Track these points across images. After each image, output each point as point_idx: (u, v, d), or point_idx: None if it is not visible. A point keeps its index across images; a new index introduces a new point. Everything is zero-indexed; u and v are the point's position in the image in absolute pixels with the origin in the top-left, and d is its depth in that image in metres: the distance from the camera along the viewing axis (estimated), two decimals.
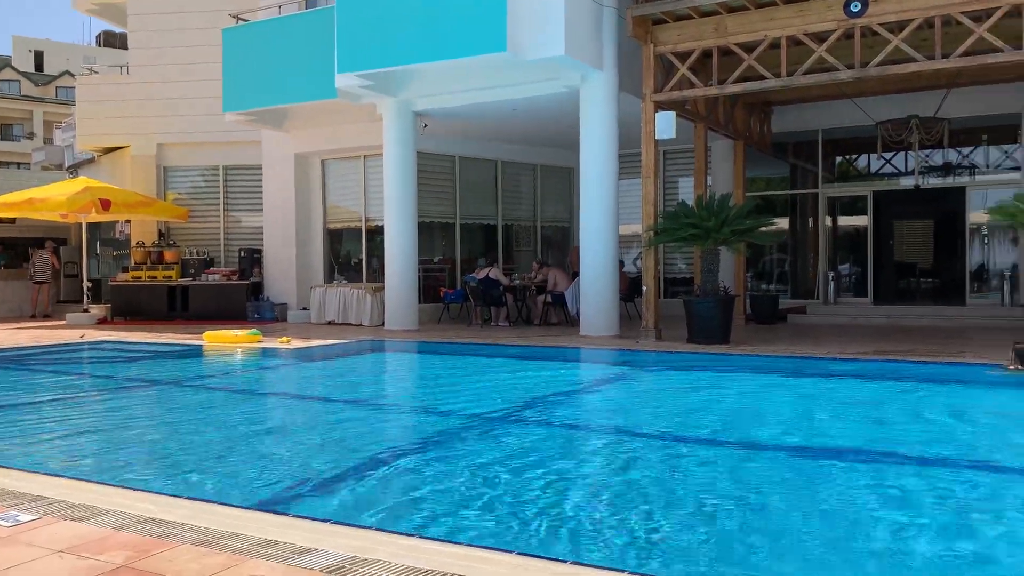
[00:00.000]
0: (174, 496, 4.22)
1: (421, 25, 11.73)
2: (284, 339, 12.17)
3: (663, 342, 11.36)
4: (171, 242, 17.80)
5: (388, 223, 13.92)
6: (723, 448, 5.55)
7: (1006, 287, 14.91)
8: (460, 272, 16.25)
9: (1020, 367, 8.23)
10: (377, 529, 3.68)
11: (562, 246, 18.37)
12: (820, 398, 7.77)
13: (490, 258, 15.72)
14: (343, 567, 3.16)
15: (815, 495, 4.32)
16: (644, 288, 11.93)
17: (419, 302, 14.33)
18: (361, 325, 14.89)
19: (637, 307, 14.18)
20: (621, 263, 13.44)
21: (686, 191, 16.36)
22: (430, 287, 15.99)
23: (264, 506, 4.10)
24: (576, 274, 13.54)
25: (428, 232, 16.00)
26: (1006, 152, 15.43)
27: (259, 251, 17.43)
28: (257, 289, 17.09)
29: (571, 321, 14.00)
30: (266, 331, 13.26)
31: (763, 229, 11.81)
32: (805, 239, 17.33)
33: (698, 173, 13.93)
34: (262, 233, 17.50)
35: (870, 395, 7.75)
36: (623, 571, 3.18)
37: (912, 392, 7.85)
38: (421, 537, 3.58)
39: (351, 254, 17.19)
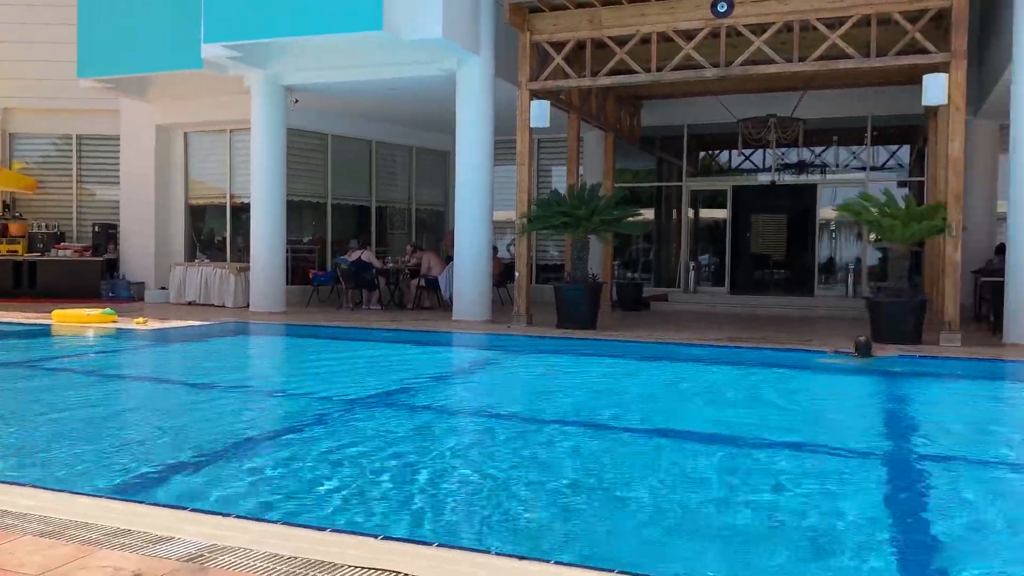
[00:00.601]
0: (15, 484, 3.96)
1: None
2: (140, 320, 11.59)
3: (533, 327, 11.54)
4: (17, 214, 16.57)
5: (255, 201, 13.47)
6: (574, 427, 5.73)
7: (850, 279, 15.99)
8: (331, 254, 15.93)
9: (854, 354, 8.86)
10: (237, 516, 3.58)
11: (437, 230, 18.31)
12: (674, 381, 8.15)
13: (362, 240, 15.49)
14: (202, 555, 3.05)
15: (637, 469, 4.59)
16: (517, 274, 12.07)
17: (287, 283, 13.95)
18: (224, 306, 14.37)
19: (510, 292, 14.34)
20: (495, 249, 13.56)
21: (559, 179, 16.64)
22: (299, 268, 15.59)
23: (116, 494, 3.90)
24: (450, 258, 13.54)
25: (297, 211, 15.58)
26: (854, 153, 16.51)
27: (115, 226, 16.50)
28: (112, 266, 16.19)
29: (444, 306, 14.00)
30: (121, 311, 12.58)
31: (630, 219, 12.17)
32: (669, 230, 17.98)
33: (570, 162, 14.19)
34: (119, 208, 16.56)
35: (721, 379, 8.20)
36: (486, 551, 3.24)
37: (758, 376, 8.34)
38: (283, 523, 3.50)
39: (215, 232, 16.53)
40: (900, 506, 4.05)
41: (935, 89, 9.86)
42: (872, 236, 14.21)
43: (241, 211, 15.55)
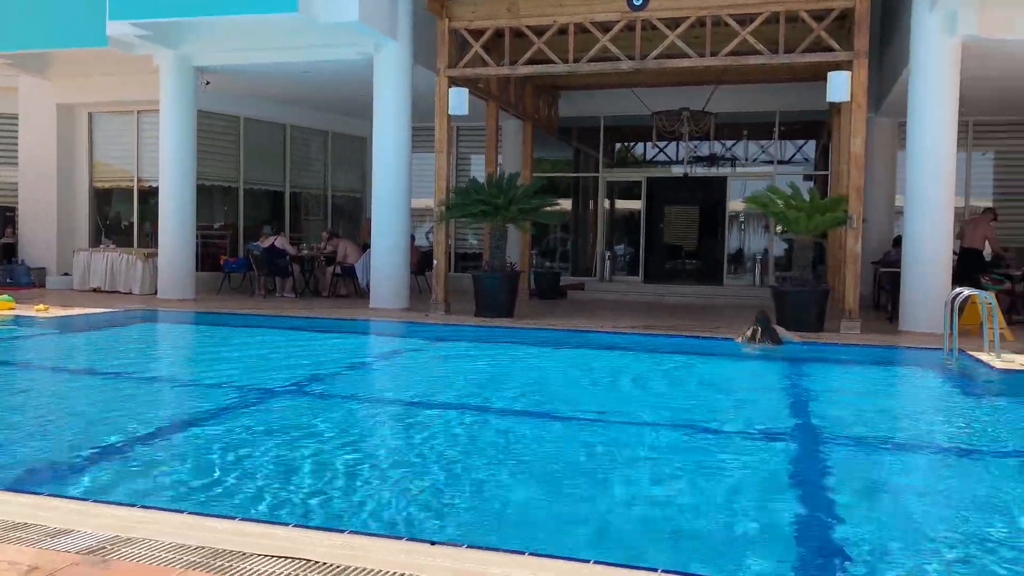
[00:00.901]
0: None
1: None
2: (41, 306, 11.12)
3: (452, 315, 11.55)
4: None
5: (164, 184, 13.04)
6: (483, 414, 5.84)
7: (758, 269, 16.52)
8: (243, 240, 15.56)
9: (751, 340, 9.20)
10: (142, 507, 3.50)
11: (354, 217, 18.09)
12: (586, 367, 8.33)
13: (276, 226, 15.17)
14: (103, 548, 2.98)
15: (535, 450, 4.73)
16: (435, 262, 12.05)
17: (197, 270, 13.58)
18: (131, 293, 13.89)
19: (428, 281, 14.29)
20: (412, 237, 13.48)
21: (478, 168, 16.64)
22: (209, 255, 15.17)
23: (12, 486, 3.77)
24: (367, 246, 13.41)
25: (208, 196, 15.16)
26: (762, 147, 17.04)
27: (13, 209, 15.75)
28: (10, 252, 15.46)
29: (361, 294, 13.87)
30: (20, 298, 12.03)
31: (548, 209, 12.29)
32: (586, 220, 18.22)
33: (489, 151, 14.21)
34: (16, 190, 15.79)
35: (628, 365, 8.42)
36: (398, 537, 3.26)
37: (667, 363, 8.62)
38: (191, 514, 3.45)
39: (121, 216, 15.95)
40: (781, 480, 4.25)
41: (839, 86, 10.26)
42: (778, 228, 14.68)
43: (149, 195, 15.04)
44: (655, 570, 2.91)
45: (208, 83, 13.29)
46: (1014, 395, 6.96)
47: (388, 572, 2.83)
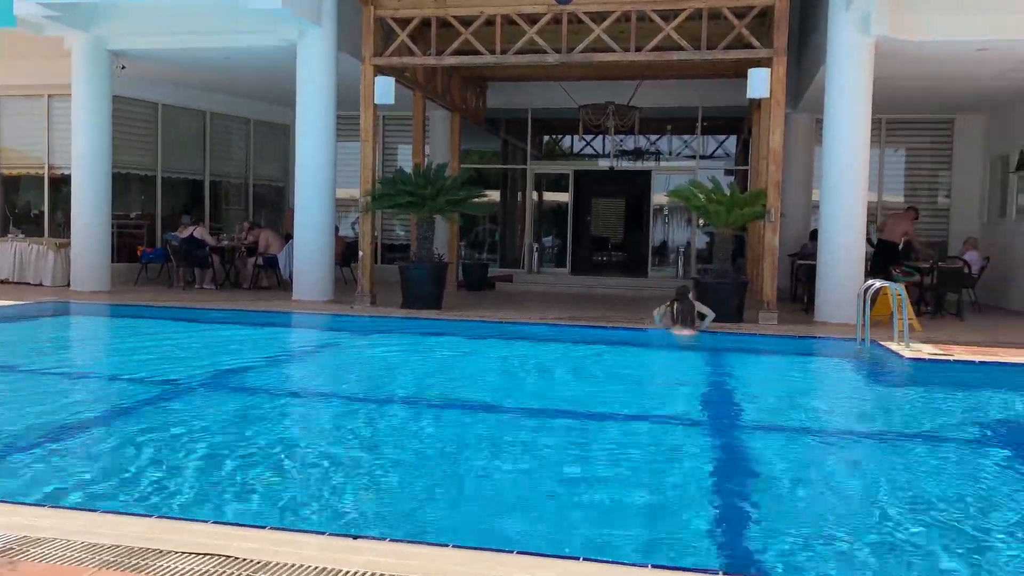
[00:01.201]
0: None
1: None
2: None
3: (378, 307, 11.44)
4: None
5: (76, 172, 12.55)
6: (401, 406, 5.83)
7: (680, 261, 16.85)
8: (161, 230, 15.09)
9: (667, 316, 9.43)
10: (50, 506, 3.38)
11: (276, 206, 17.74)
12: (511, 359, 8.39)
13: (195, 216, 14.77)
14: (10, 549, 2.87)
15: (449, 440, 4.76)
16: (360, 253, 11.91)
17: (112, 261, 13.12)
18: (42, 285, 13.34)
19: (354, 272, 14.12)
20: (336, 228, 13.29)
21: (405, 158, 16.51)
22: (126, 245, 14.68)
23: None
24: (290, 236, 13.17)
25: (124, 184, 14.64)
26: (685, 142, 17.37)
27: None
28: None
29: (284, 285, 13.62)
30: None
31: (476, 200, 12.26)
32: (514, 212, 18.28)
33: (416, 141, 14.11)
34: None
35: (554, 356, 8.53)
36: (319, 532, 3.22)
37: (590, 353, 8.75)
38: (107, 512, 3.34)
39: (31, 205, 15.28)
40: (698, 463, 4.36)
41: (758, 83, 10.52)
42: (700, 221, 14.99)
43: (61, 183, 14.44)
44: (511, 551, 2.95)
45: (123, 68, 12.83)
46: (919, 383, 7.28)
47: (310, 567, 2.80)
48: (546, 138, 18.57)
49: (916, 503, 3.83)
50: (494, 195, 18.05)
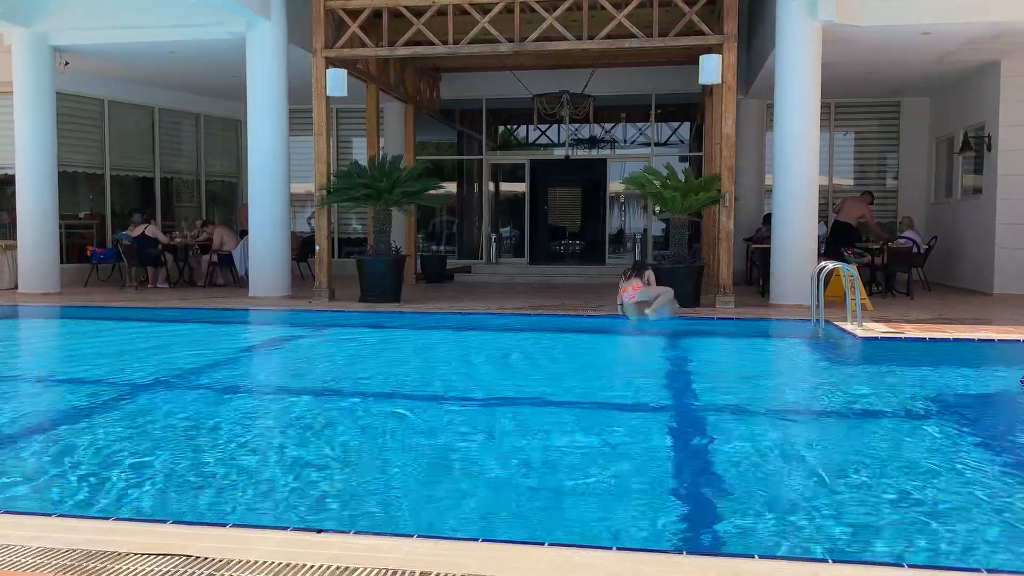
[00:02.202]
0: None
1: None
2: None
3: (336, 302, 11.35)
4: None
5: (20, 172, 12.23)
6: (359, 400, 5.78)
7: (637, 248, 16.98)
8: (111, 229, 14.79)
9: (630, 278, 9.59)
10: (2, 512, 3.30)
11: (229, 203, 17.48)
12: (468, 350, 8.39)
13: (147, 214, 14.47)
14: None
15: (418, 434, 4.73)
16: (317, 248, 11.80)
17: (62, 262, 12.84)
18: None
19: (311, 267, 13.99)
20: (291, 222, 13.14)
21: (360, 151, 16.37)
22: (75, 245, 14.36)
23: None
24: (244, 232, 12.99)
25: (72, 183, 14.31)
26: (640, 129, 17.47)
27: None
28: None
29: (239, 282, 13.44)
30: None
31: (432, 192, 12.20)
32: (471, 203, 18.24)
33: (370, 134, 14.00)
34: None
35: (511, 345, 8.55)
36: (283, 527, 3.21)
37: (549, 342, 8.79)
38: (58, 516, 3.28)
39: None
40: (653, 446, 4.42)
41: (710, 69, 10.62)
42: (656, 208, 15.11)
43: (5, 183, 14.06)
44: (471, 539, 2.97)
45: (67, 63, 12.51)
46: (872, 361, 7.44)
47: (272, 563, 2.77)
48: (501, 128, 18.55)
49: (878, 474, 3.93)
50: (451, 186, 18.00)
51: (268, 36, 11.55)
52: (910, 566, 2.83)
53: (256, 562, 2.78)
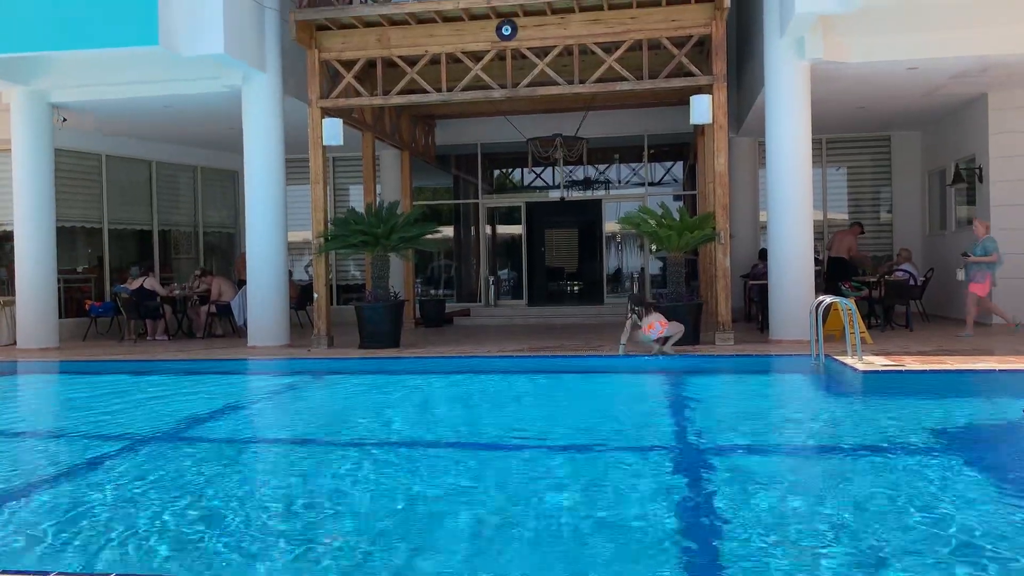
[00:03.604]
0: None
1: (58, 8, 10.42)
2: None
3: (335, 349, 11.34)
4: None
5: (19, 228, 12.29)
6: (357, 449, 5.76)
7: (635, 287, 17.00)
8: (109, 282, 14.81)
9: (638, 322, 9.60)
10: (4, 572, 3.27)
11: (227, 253, 17.54)
12: (467, 393, 8.41)
13: (144, 266, 14.51)
14: None
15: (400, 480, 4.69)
16: (315, 295, 11.81)
17: (60, 317, 12.85)
18: None
19: (310, 315, 13.99)
20: (290, 272, 13.17)
21: (356, 198, 16.48)
22: (73, 300, 14.37)
23: None
24: (242, 282, 13.01)
25: (70, 238, 14.37)
26: (634, 169, 17.61)
27: None
28: None
29: (238, 332, 13.42)
30: None
31: (429, 236, 12.28)
32: (468, 246, 18.31)
33: (367, 181, 14.11)
34: None
35: (507, 388, 8.53)
36: None
37: (548, 383, 8.78)
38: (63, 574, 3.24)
39: None
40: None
41: (701, 109, 10.75)
42: (652, 246, 15.16)
43: (4, 240, 14.12)
44: None
45: (64, 120, 12.66)
46: (874, 394, 7.41)
47: None
48: (496, 172, 18.70)
49: (889, 510, 3.90)
50: (448, 230, 18.09)
51: (264, 88, 11.70)
52: None
53: None
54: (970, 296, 11.03)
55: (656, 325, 9.65)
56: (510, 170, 18.61)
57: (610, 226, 17.50)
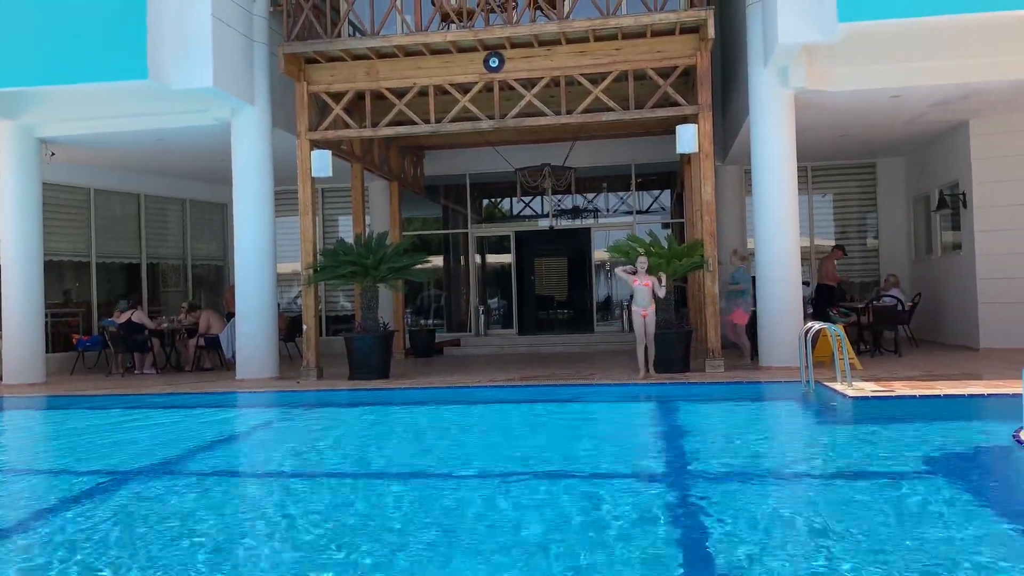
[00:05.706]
0: None
1: (47, 43, 10.45)
2: None
3: (324, 380, 11.28)
4: None
5: (6, 262, 12.23)
6: (335, 479, 5.76)
7: (625, 315, 17.01)
8: (97, 316, 14.73)
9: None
10: None
11: (216, 286, 17.49)
12: (452, 424, 8.37)
13: (133, 300, 14.45)
14: None
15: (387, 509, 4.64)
16: (305, 327, 11.77)
17: (47, 351, 12.76)
18: None
19: (299, 347, 13.94)
20: (278, 304, 13.14)
21: (346, 230, 16.50)
22: (60, 334, 14.28)
23: None
24: (231, 315, 12.97)
25: (58, 272, 14.32)
26: (622, 198, 17.72)
27: None
28: None
29: (227, 365, 13.35)
30: None
31: (418, 267, 12.28)
32: (458, 276, 18.33)
33: (356, 212, 14.14)
34: None
35: (495, 419, 8.53)
36: None
37: (542, 412, 8.70)
38: None
39: None
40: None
41: (687, 138, 10.85)
42: None
43: None
44: None
45: (53, 155, 12.66)
46: (864, 420, 7.42)
47: None
48: (485, 202, 18.78)
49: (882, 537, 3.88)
50: (437, 260, 18.11)
51: (253, 121, 11.74)
52: None
53: None
54: (737, 327, 11.63)
55: (650, 283, 10.20)
56: (499, 200, 18.70)
57: (599, 254, 17.57)
